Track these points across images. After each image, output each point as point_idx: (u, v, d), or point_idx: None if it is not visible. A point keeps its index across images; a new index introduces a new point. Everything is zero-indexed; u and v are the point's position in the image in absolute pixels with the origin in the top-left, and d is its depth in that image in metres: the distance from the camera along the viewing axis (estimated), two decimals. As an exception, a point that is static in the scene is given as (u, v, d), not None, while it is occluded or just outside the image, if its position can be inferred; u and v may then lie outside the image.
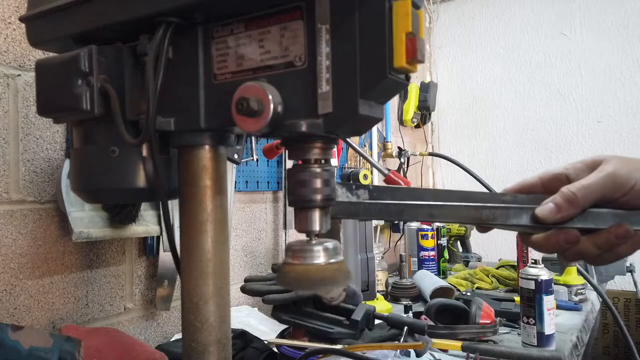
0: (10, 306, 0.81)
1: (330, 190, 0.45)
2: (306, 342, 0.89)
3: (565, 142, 2.15)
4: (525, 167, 2.24)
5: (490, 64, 2.34)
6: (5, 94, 0.81)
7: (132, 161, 0.49)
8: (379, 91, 0.40)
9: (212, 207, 0.49)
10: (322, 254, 0.44)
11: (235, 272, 1.29)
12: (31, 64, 0.84)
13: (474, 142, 2.38)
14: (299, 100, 0.41)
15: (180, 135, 0.49)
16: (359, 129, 0.46)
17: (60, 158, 0.88)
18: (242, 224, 1.32)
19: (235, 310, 1.16)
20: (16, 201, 0.82)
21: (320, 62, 0.40)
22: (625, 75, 2.03)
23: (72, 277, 0.90)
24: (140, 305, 1.03)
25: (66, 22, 0.50)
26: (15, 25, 0.82)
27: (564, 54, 2.15)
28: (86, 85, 0.47)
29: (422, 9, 0.39)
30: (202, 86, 0.46)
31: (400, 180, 0.64)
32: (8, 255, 0.81)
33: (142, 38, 0.47)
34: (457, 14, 2.42)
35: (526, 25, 2.24)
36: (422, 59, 0.38)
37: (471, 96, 2.39)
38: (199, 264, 0.49)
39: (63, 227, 0.88)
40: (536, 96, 2.22)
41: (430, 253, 1.62)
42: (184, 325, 0.50)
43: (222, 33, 0.46)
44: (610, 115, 2.06)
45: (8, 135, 0.81)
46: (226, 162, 0.52)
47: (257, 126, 0.41)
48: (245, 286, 0.97)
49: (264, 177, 1.37)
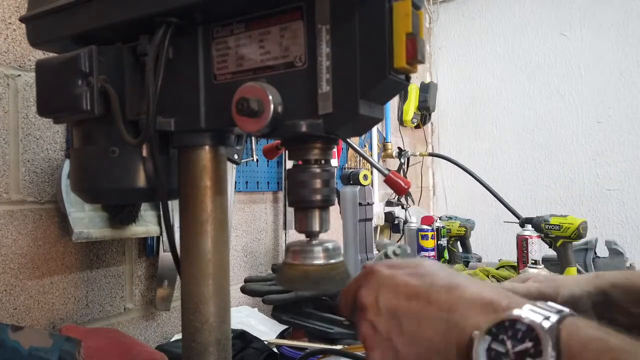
0: (10, 306, 0.81)
1: (329, 191, 0.45)
2: (306, 342, 0.89)
3: (565, 142, 2.15)
4: (525, 168, 2.24)
5: (490, 64, 2.34)
6: (5, 94, 0.81)
7: (132, 161, 0.49)
8: (379, 91, 0.40)
9: (212, 207, 0.49)
10: (322, 254, 0.44)
11: (235, 273, 1.29)
12: (31, 64, 0.84)
13: (473, 143, 2.38)
14: (299, 101, 0.41)
15: (181, 136, 0.49)
16: (359, 130, 0.46)
17: (60, 158, 0.88)
18: (242, 225, 1.32)
19: (235, 310, 1.16)
20: (16, 201, 0.82)
21: (320, 63, 0.40)
22: (625, 75, 2.03)
23: (72, 278, 0.90)
24: (140, 305, 1.03)
25: (66, 23, 0.50)
26: (15, 26, 0.82)
27: (564, 54, 2.15)
28: (86, 86, 0.47)
29: (422, 10, 0.39)
30: (202, 86, 0.46)
31: (401, 181, 0.64)
32: (8, 255, 0.81)
33: (142, 38, 0.47)
34: (457, 14, 2.42)
35: (526, 26, 2.24)
36: (422, 59, 0.38)
37: (471, 96, 2.39)
38: (199, 264, 0.49)
39: (63, 227, 0.88)
40: (536, 96, 2.22)
41: (431, 253, 1.62)
42: (184, 325, 0.50)
43: (223, 33, 0.46)
44: (610, 115, 2.06)
45: (8, 135, 0.81)
46: (226, 162, 0.52)
47: (257, 126, 0.41)
48: (245, 286, 0.97)
49: (264, 177, 1.37)
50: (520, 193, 2.21)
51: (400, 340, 0.40)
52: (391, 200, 1.89)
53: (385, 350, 0.41)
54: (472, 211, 2.18)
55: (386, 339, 0.41)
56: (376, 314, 0.42)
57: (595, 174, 2.08)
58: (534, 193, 2.21)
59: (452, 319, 0.38)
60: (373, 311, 0.42)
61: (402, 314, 0.41)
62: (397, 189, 0.69)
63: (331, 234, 0.54)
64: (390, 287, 0.42)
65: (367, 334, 0.43)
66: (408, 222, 1.74)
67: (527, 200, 2.20)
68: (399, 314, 0.41)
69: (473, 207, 2.26)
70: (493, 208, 2.00)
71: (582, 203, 2.11)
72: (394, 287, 0.42)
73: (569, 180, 2.14)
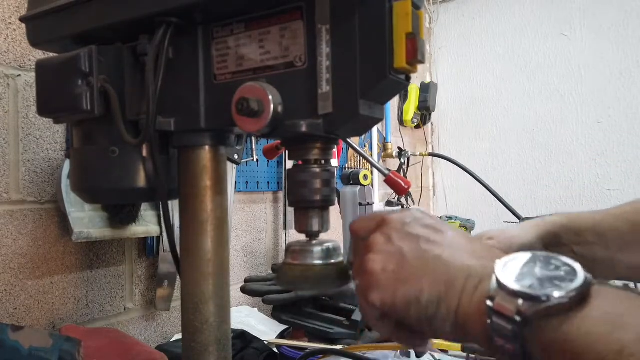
0: (10, 306, 0.81)
1: (330, 191, 0.45)
2: (306, 342, 0.89)
3: (565, 143, 2.15)
4: (525, 168, 2.24)
5: (490, 64, 2.34)
6: (5, 94, 0.81)
7: (132, 161, 0.49)
8: (379, 92, 0.40)
9: (212, 207, 0.49)
10: (322, 254, 0.44)
11: (235, 273, 1.29)
12: (31, 64, 0.84)
13: (474, 143, 2.38)
14: (299, 101, 0.41)
15: (181, 136, 0.49)
16: (359, 130, 0.46)
17: (61, 158, 0.88)
18: (242, 225, 1.32)
19: (235, 310, 1.16)
20: (16, 201, 0.82)
21: (320, 63, 0.40)
22: (625, 75, 2.03)
23: (72, 278, 0.90)
24: (140, 305, 1.03)
25: (66, 23, 0.49)
26: (15, 26, 0.82)
27: (564, 55, 2.15)
28: (86, 86, 0.47)
29: (422, 10, 0.39)
30: (202, 86, 0.46)
31: (401, 181, 0.64)
32: (8, 255, 0.81)
33: (142, 38, 0.47)
34: (457, 14, 2.42)
35: (526, 26, 2.24)
36: (423, 59, 0.38)
37: (471, 96, 2.39)
38: (199, 264, 0.49)
39: (63, 227, 0.88)
40: (536, 96, 2.22)
41: (430, 253, 1.62)
42: (184, 325, 0.50)
43: (223, 33, 0.46)
44: (610, 115, 2.06)
45: (8, 135, 0.81)
46: (226, 162, 0.52)
47: (258, 126, 0.41)
48: (245, 286, 0.97)
49: (264, 177, 1.37)
50: (521, 193, 2.21)
51: (412, 251, 0.37)
52: (391, 201, 1.89)
53: (390, 255, 0.37)
54: (472, 211, 2.18)
55: (397, 247, 0.38)
56: (397, 230, 0.39)
57: (596, 174, 2.08)
58: (534, 193, 2.21)
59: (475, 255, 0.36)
60: (395, 227, 0.39)
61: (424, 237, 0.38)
62: (397, 189, 0.68)
63: (331, 234, 0.54)
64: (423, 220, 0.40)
65: (377, 241, 0.39)
66: (408, 222, 1.74)
67: (527, 200, 2.20)
68: (422, 236, 0.38)
69: (473, 207, 2.26)
70: (493, 208, 2.00)
71: (582, 203, 2.10)
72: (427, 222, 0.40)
73: (569, 180, 2.14)
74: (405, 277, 0.36)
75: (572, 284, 0.30)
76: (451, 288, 0.35)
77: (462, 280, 0.34)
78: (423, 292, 0.35)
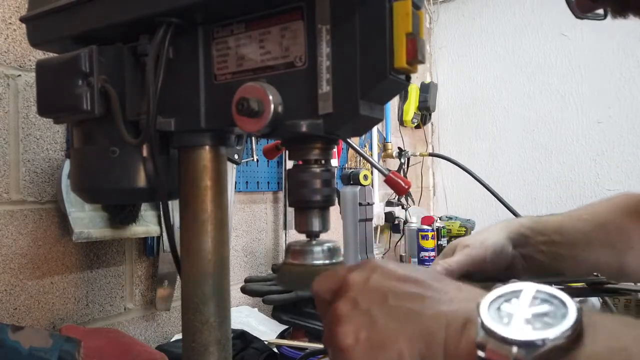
0: (10, 306, 0.81)
1: (330, 191, 0.45)
2: (306, 342, 0.89)
3: (565, 143, 2.15)
4: (525, 168, 2.24)
5: (490, 64, 2.34)
6: (5, 94, 0.81)
7: (132, 161, 0.49)
8: (379, 92, 0.40)
9: (212, 207, 0.49)
10: (322, 254, 0.44)
11: (235, 273, 1.29)
12: (32, 64, 0.84)
13: (474, 143, 2.37)
14: (299, 101, 0.41)
15: (181, 136, 0.49)
16: (359, 130, 0.46)
17: (61, 158, 0.88)
18: (242, 225, 1.32)
19: (235, 310, 1.16)
20: (16, 201, 0.82)
21: (320, 63, 0.40)
22: (625, 75, 2.02)
23: (72, 278, 0.90)
24: (141, 305, 1.03)
25: (66, 23, 0.49)
26: (15, 26, 0.82)
27: (564, 55, 2.15)
28: (86, 86, 0.47)
29: (422, 10, 0.39)
30: (202, 86, 0.46)
31: (401, 181, 0.64)
32: (8, 255, 0.81)
33: (143, 38, 0.47)
34: (457, 14, 2.42)
35: (526, 26, 2.24)
36: (423, 59, 0.38)
37: (471, 96, 2.39)
38: (199, 264, 0.49)
39: (63, 227, 0.88)
40: (536, 97, 2.22)
41: (431, 254, 1.62)
42: (184, 325, 0.50)
43: (223, 33, 0.46)
44: (610, 115, 2.06)
45: (8, 135, 0.81)
46: (226, 162, 0.52)
47: (258, 126, 0.41)
48: (245, 286, 0.97)
49: (264, 177, 1.37)
50: (521, 193, 2.21)
51: (381, 311, 0.35)
52: (391, 201, 1.89)
53: (360, 323, 0.35)
54: (472, 211, 2.18)
55: (365, 311, 0.36)
56: (361, 292, 0.37)
57: (596, 174, 2.08)
58: (534, 193, 2.21)
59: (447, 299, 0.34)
60: (359, 289, 0.37)
61: (392, 291, 0.36)
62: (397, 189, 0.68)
63: (331, 234, 0.54)
64: (385, 271, 0.38)
65: (343, 310, 0.37)
66: (408, 222, 1.74)
67: (527, 200, 2.20)
68: (388, 291, 0.36)
69: (473, 207, 2.26)
70: (493, 208, 2.00)
71: (582, 203, 2.08)
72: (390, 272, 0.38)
73: (569, 181, 2.14)
74: (380, 342, 0.34)
75: (566, 320, 0.28)
76: (432, 342, 0.33)
77: (442, 332, 0.33)
78: (403, 354, 0.33)
